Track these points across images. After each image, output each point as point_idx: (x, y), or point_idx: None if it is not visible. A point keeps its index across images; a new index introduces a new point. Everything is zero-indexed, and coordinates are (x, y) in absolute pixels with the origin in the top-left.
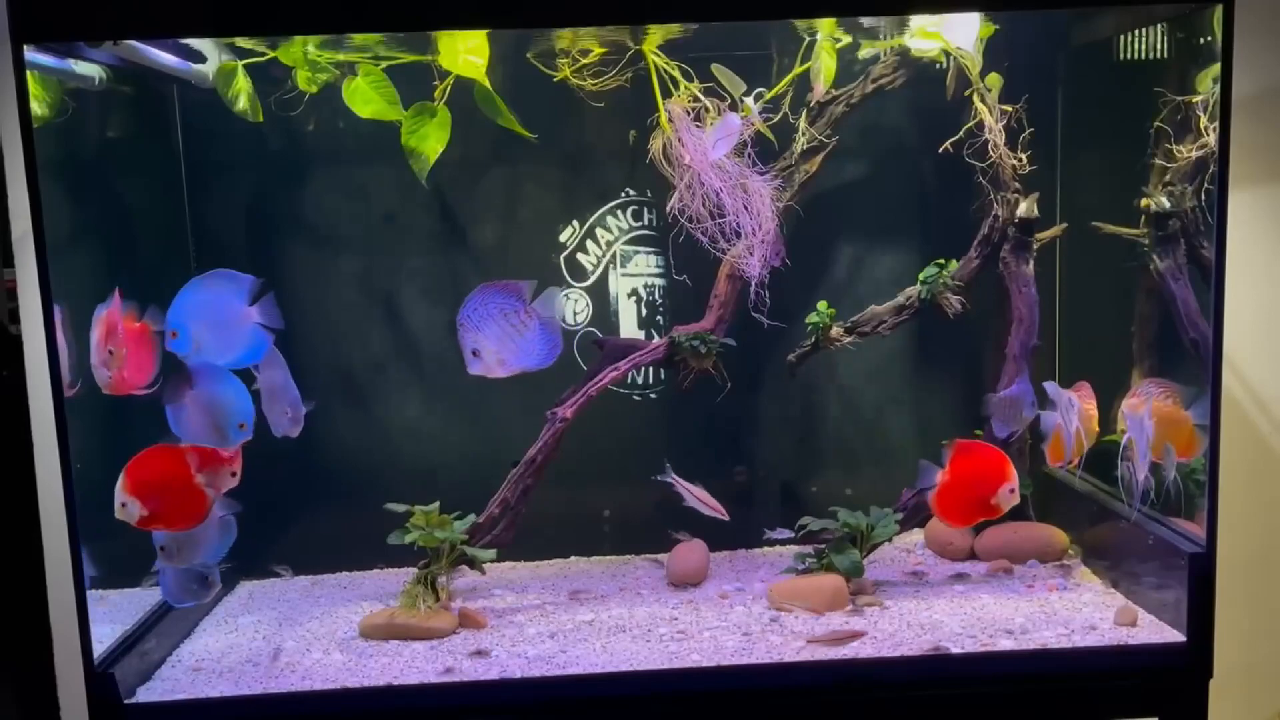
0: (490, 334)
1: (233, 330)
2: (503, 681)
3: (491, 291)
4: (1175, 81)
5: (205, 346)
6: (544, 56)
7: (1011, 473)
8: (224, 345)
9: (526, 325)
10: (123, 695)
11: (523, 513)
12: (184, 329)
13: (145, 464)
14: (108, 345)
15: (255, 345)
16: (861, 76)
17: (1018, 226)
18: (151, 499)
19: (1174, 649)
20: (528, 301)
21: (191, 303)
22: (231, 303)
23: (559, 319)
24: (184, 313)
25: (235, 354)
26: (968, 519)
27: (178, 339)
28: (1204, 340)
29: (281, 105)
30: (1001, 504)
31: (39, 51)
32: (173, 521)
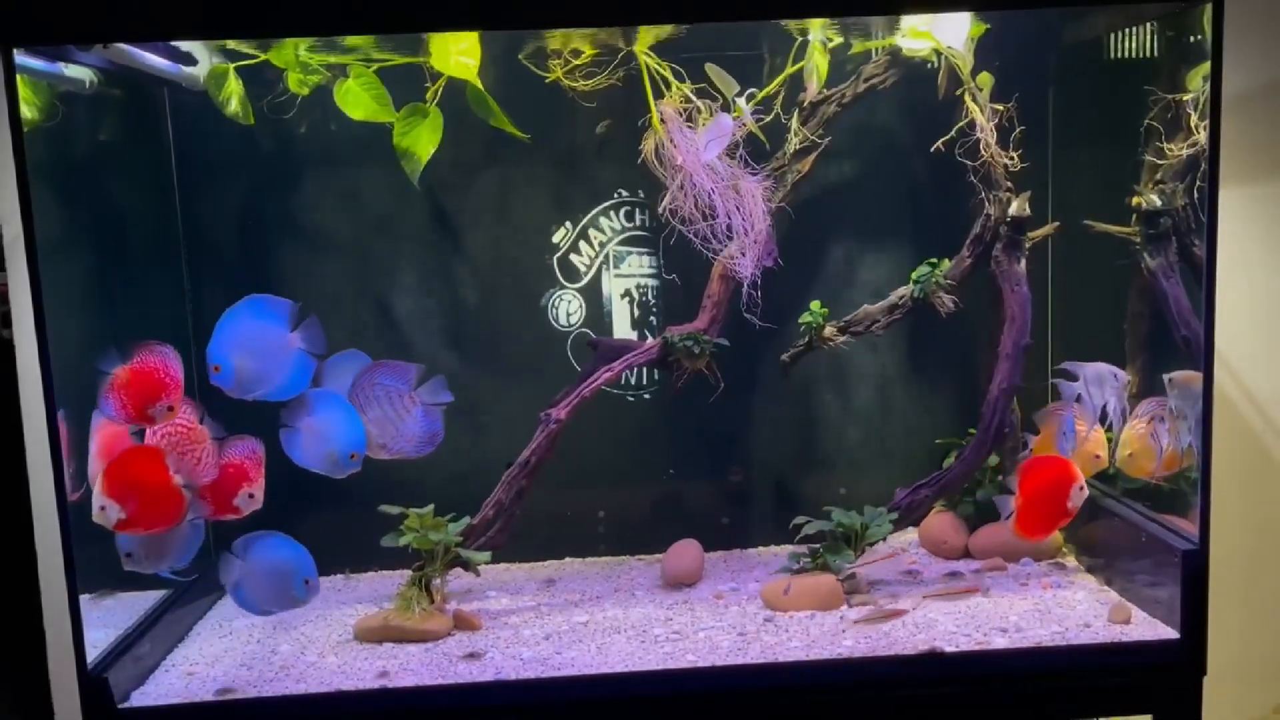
0: (372, 416)
1: (276, 359)
2: (498, 683)
3: (379, 371)
4: (1166, 80)
5: (249, 378)
6: (536, 58)
7: (1077, 472)
8: (268, 375)
9: (409, 410)
10: (116, 700)
11: (517, 514)
12: (226, 362)
13: (123, 466)
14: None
15: (300, 372)
16: (853, 76)
17: (1010, 225)
18: (130, 501)
19: (1168, 646)
20: (413, 386)
21: (232, 335)
22: (273, 331)
23: (442, 406)
24: (225, 346)
25: (280, 382)
26: (1050, 529)
27: (221, 373)
28: (1195, 338)
29: (273, 108)
30: (1077, 504)
31: (28, 55)
32: (151, 523)
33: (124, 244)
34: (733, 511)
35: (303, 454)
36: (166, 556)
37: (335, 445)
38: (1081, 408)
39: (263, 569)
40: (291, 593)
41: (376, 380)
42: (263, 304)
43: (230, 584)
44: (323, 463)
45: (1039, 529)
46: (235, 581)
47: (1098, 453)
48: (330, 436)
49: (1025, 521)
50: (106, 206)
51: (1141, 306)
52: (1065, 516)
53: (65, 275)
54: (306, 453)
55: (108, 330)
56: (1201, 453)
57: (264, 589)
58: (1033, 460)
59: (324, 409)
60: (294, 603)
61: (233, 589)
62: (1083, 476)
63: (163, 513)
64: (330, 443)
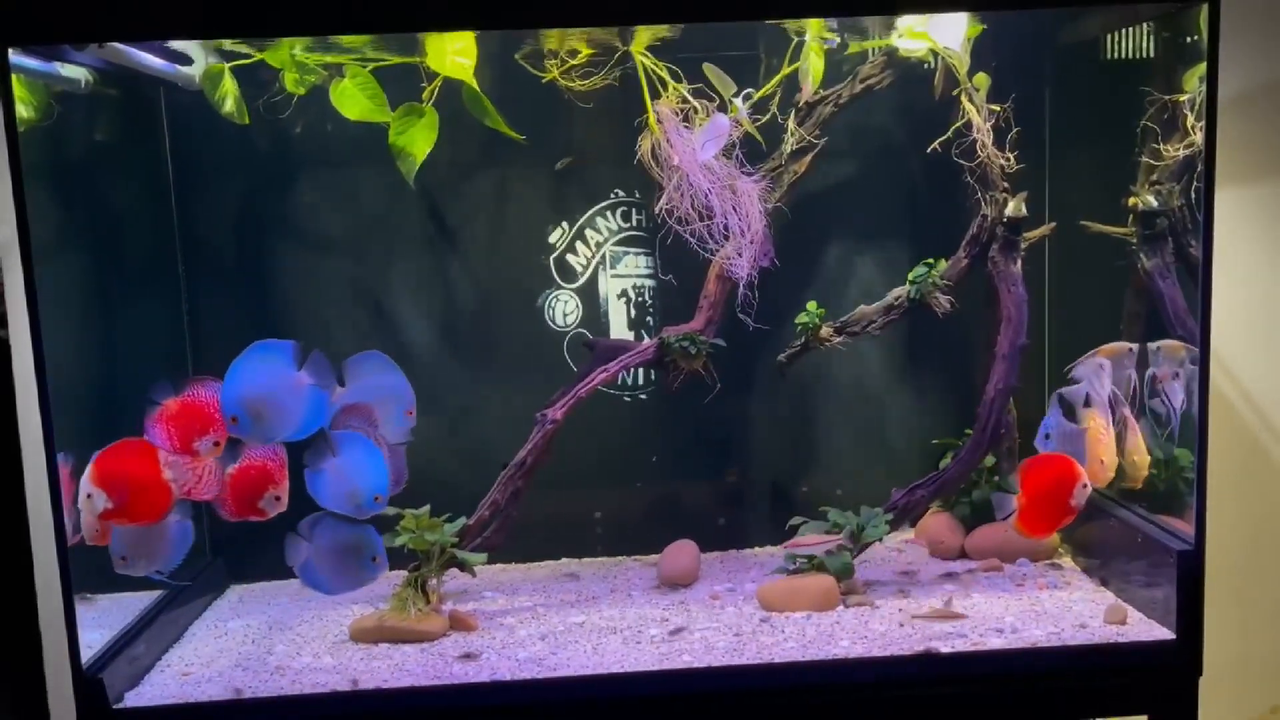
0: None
1: (290, 400)
2: (493, 684)
3: (349, 416)
4: (1162, 80)
5: (268, 424)
6: (532, 58)
7: (1080, 470)
8: (285, 418)
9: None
10: (111, 700)
11: (513, 515)
12: (241, 412)
13: (114, 457)
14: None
15: (315, 409)
16: (849, 77)
17: (1006, 226)
18: (118, 492)
19: (1163, 647)
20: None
21: (242, 384)
22: (281, 373)
23: (404, 445)
24: (238, 396)
25: (298, 422)
26: (1054, 527)
27: (238, 424)
28: (1191, 338)
29: (269, 108)
30: (1080, 502)
31: (23, 54)
32: (136, 516)
33: (119, 243)
34: (729, 512)
35: (327, 496)
36: (157, 558)
37: (360, 487)
38: (1097, 413)
39: (331, 549)
40: (360, 570)
41: (348, 423)
42: (266, 349)
43: (299, 566)
44: (346, 504)
45: (1042, 527)
46: (303, 563)
47: (1103, 458)
48: (354, 478)
49: (1028, 520)
50: (102, 206)
51: (1138, 307)
52: (1069, 515)
53: (60, 275)
54: (331, 494)
55: (103, 330)
56: (1198, 452)
57: (333, 568)
58: (1034, 459)
59: (349, 451)
60: (362, 581)
61: (301, 570)
62: (1086, 475)
63: (149, 506)
64: (354, 484)
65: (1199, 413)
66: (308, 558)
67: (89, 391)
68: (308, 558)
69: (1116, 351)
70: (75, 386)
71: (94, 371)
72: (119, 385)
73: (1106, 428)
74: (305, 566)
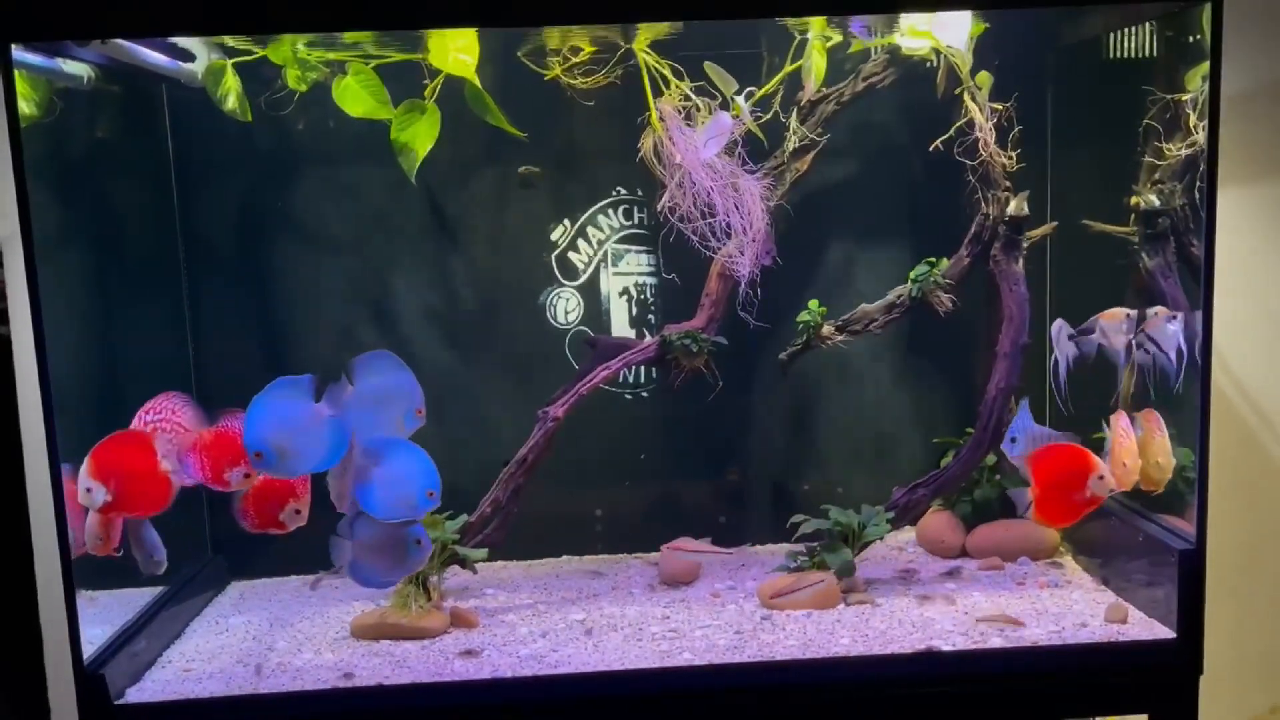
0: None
1: (311, 433)
2: (494, 681)
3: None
4: (1164, 80)
5: (292, 458)
6: (534, 55)
7: (1095, 461)
8: (309, 450)
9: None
10: (113, 696)
11: (514, 512)
12: (265, 447)
13: (110, 449)
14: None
15: (338, 439)
16: (852, 75)
17: (1008, 225)
18: (116, 484)
19: (1164, 646)
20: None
21: (264, 421)
22: (300, 407)
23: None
24: (260, 433)
25: (321, 454)
26: (1073, 516)
27: (263, 459)
28: (1193, 338)
29: (271, 104)
30: (1098, 493)
31: (26, 50)
32: (136, 508)
33: (121, 240)
34: (730, 510)
35: (379, 505)
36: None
37: (410, 490)
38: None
39: (374, 543)
40: (406, 557)
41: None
42: (285, 385)
43: (346, 566)
44: (402, 510)
45: (1060, 516)
46: (351, 563)
47: (1125, 460)
48: (402, 483)
49: (1045, 509)
50: (104, 203)
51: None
52: (1087, 505)
53: (62, 272)
54: (383, 504)
55: (104, 326)
56: (1199, 452)
57: (380, 561)
58: (1043, 450)
59: (389, 457)
60: (411, 567)
61: (350, 570)
62: (1103, 466)
63: (149, 497)
64: (403, 488)
65: (1200, 411)
66: (352, 557)
67: (90, 388)
68: (352, 557)
69: (1115, 317)
70: (76, 383)
71: (95, 367)
72: (120, 381)
73: (1128, 430)
74: (353, 566)
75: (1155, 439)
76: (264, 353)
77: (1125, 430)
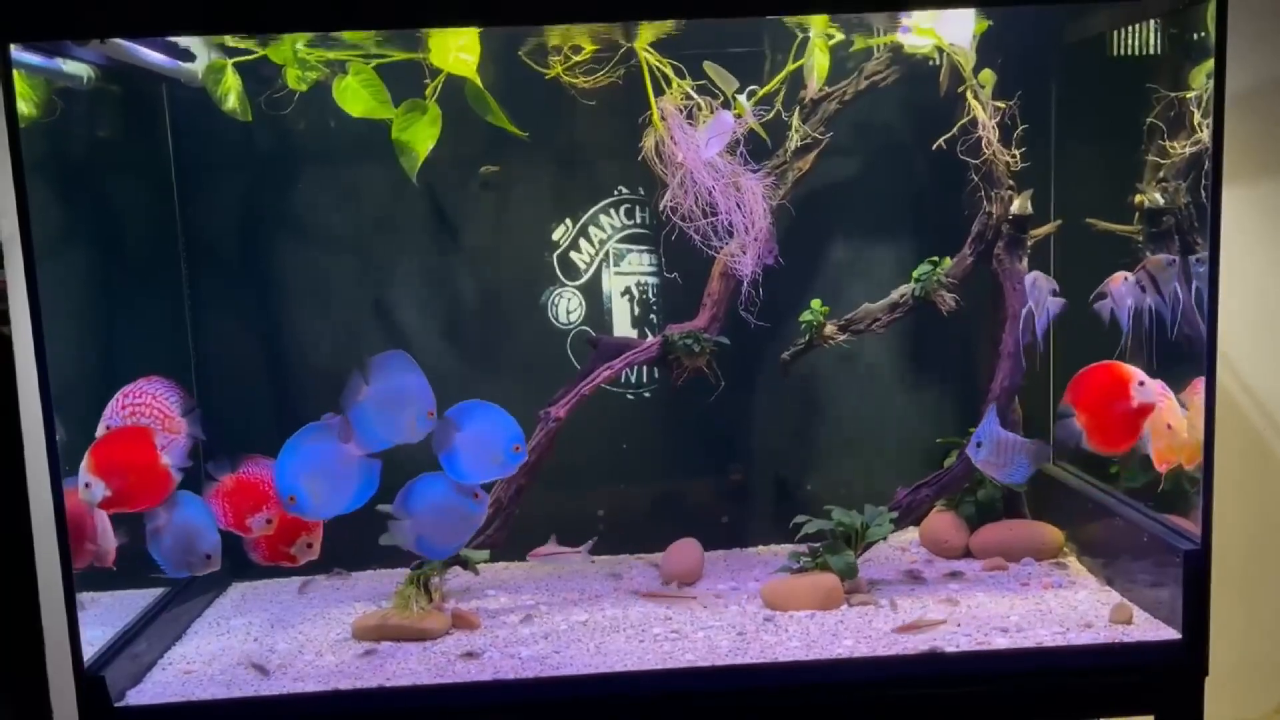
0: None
1: (342, 474)
2: (496, 682)
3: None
4: (1169, 77)
5: (325, 499)
6: (536, 54)
7: (1130, 370)
8: (340, 491)
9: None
10: (113, 698)
11: (515, 513)
12: (299, 490)
13: (110, 445)
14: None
15: (367, 478)
16: (854, 73)
17: (1011, 223)
18: (116, 479)
19: (1169, 646)
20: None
21: (296, 464)
22: (330, 449)
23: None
24: (293, 476)
25: (352, 494)
26: (1130, 434)
27: (297, 502)
28: (1198, 336)
29: (271, 104)
30: (1144, 399)
31: (25, 50)
32: (137, 502)
33: (121, 239)
34: (732, 510)
35: (467, 468)
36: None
37: (497, 448)
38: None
39: (433, 512)
40: (467, 516)
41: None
42: (314, 430)
43: (411, 543)
44: (492, 468)
45: (1115, 436)
46: (415, 539)
47: (1170, 422)
48: (489, 442)
49: (1099, 435)
50: (104, 202)
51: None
52: (1139, 416)
53: (62, 271)
54: (471, 467)
55: (104, 327)
56: (1204, 453)
57: (442, 528)
58: (1076, 378)
59: (469, 420)
60: (475, 523)
61: (416, 545)
62: (1140, 373)
63: (149, 492)
64: (491, 448)
65: (1206, 411)
66: (410, 532)
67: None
68: (410, 532)
69: (1116, 280)
70: (76, 383)
71: (95, 367)
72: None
73: (1164, 390)
74: (419, 542)
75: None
76: (264, 351)
77: (1162, 391)
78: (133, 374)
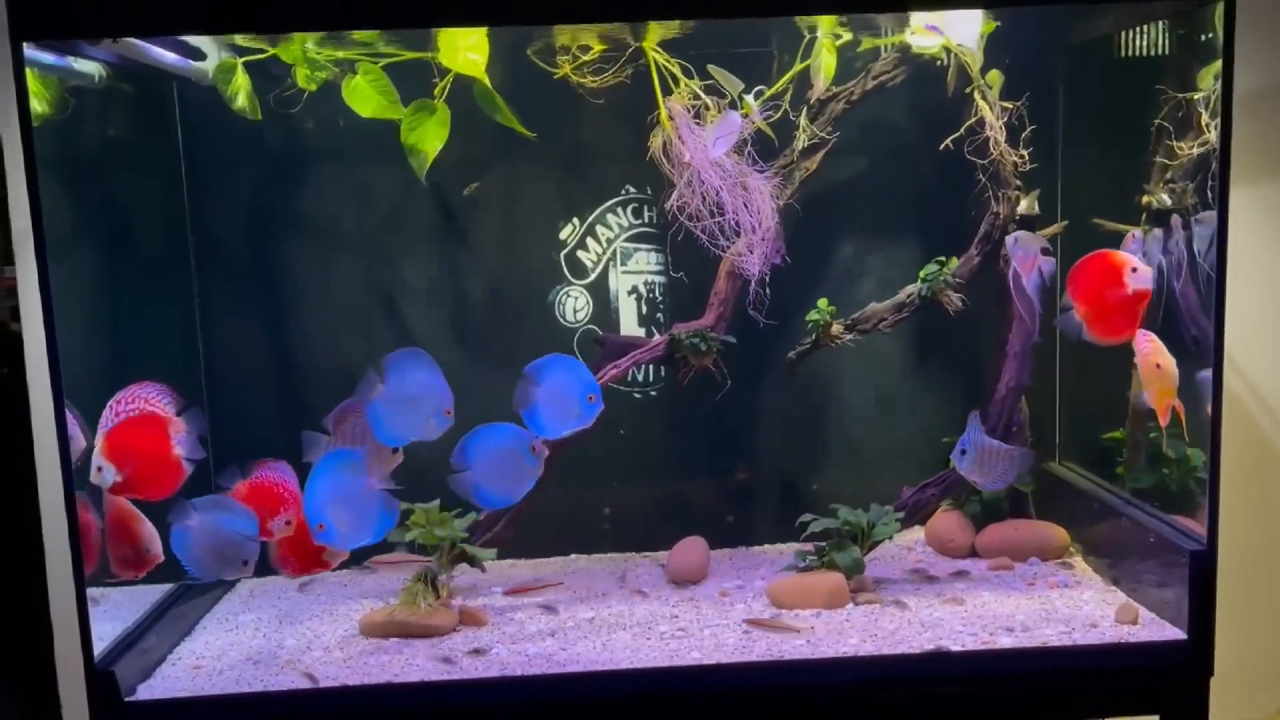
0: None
1: (365, 506)
2: (503, 679)
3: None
4: (1176, 78)
5: (349, 530)
6: (544, 53)
7: (1120, 256)
8: (363, 522)
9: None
10: (123, 693)
11: (523, 510)
12: (326, 519)
13: (125, 431)
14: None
15: (387, 512)
16: (862, 73)
17: (1018, 224)
18: (128, 465)
19: (1175, 647)
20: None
21: (323, 493)
22: (355, 481)
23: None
24: (320, 505)
25: (373, 526)
26: (1128, 322)
27: (325, 531)
28: (1205, 337)
29: (281, 103)
30: (1138, 285)
31: (38, 49)
32: (146, 490)
33: (132, 238)
34: (738, 509)
35: (548, 425)
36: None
37: (573, 401)
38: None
39: (493, 461)
40: (526, 467)
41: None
42: (340, 457)
43: (471, 491)
44: (570, 420)
45: (1114, 323)
46: (474, 487)
47: (1159, 361)
48: (564, 397)
49: (1098, 325)
50: (114, 201)
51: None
52: (1136, 303)
53: (73, 269)
54: (551, 421)
55: (115, 324)
56: (1211, 453)
57: (500, 477)
58: (1074, 270)
59: (547, 376)
60: (534, 474)
61: (474, 494)
62: (1133, 259)
63: (160, 480)
64: (567, 402)
65: (1213, 411)
66: (476, 481)
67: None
68: (476, 481)
69: (1128, 241)
70: (87, 380)
71: (106, 365)
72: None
73: (1148, 336)
74: (476, 490)
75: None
76: (274, 349)
77: (1146, 336)
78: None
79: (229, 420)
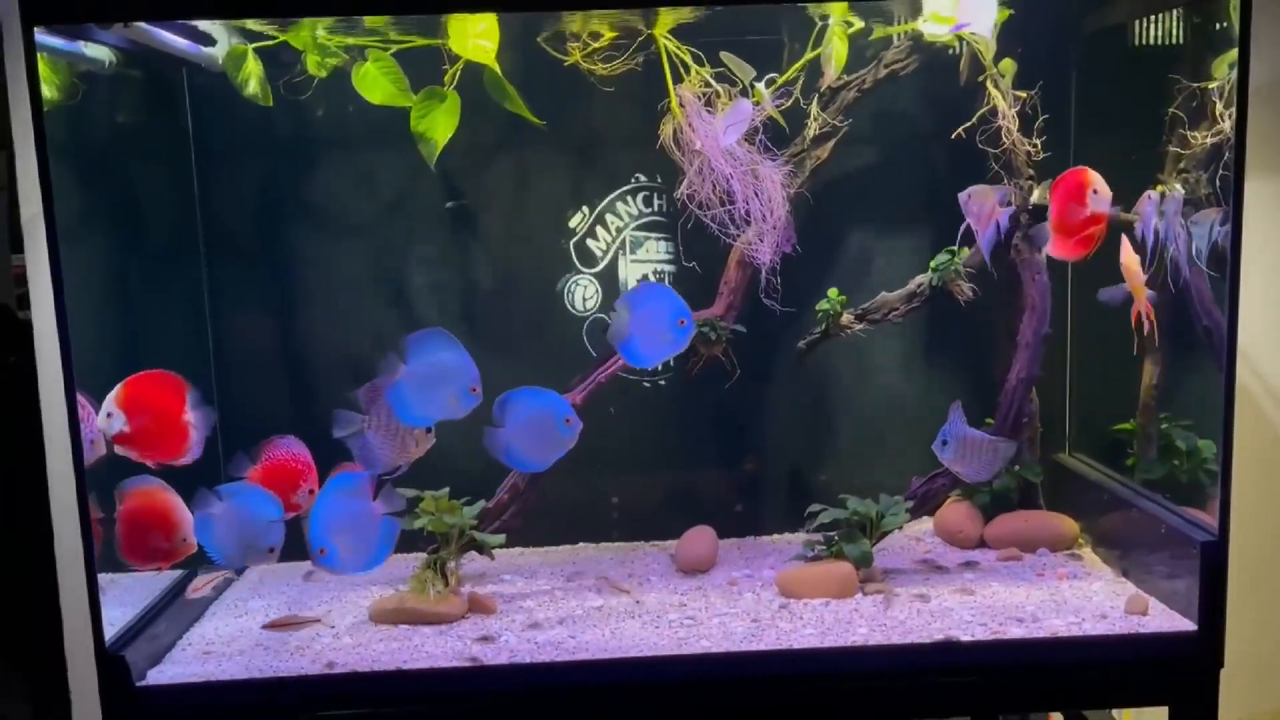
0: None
1: (368, 530)
2: (511, 666)
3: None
4: (1190, 68)
5: (351, 555)
6: (554, 41)
7: (1090, 177)
8: (367, 547)
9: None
10: (134, 677)
11: (532, 499)
12: (328, 543)
13: (143, 384)
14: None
15: (388, 536)
16: (874, 62)
17: (1031, 213)
18: (137, 418)
19: (1185, 638)
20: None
21: (327, 516)
22: (360, 506)
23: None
24: (324, 529)
25: (375, 551)
26: (1081, 244)
27: (327, 555)
28: (1217, 328)
29: (290, 89)
30: (1096, 208)
31: (49, 34)
32: (149, 448)
33: (142, 224)
34: (747, 498)
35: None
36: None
37: (665, 326)
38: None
39: (527, 427)
40: (558, 436)
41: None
42: (345, 480)
43: (502, 452)
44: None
45: (1070, 247)
46: (505, 447)
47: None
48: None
49: (1057, 238)
50: (124, 187)
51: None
52: (1089, 224)
53: (83, 256)
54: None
55: (124, 311)
56: (1222, 444)
57: (532, 441)
58: (1057, 180)
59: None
60: (564, 444)
61: (504, 455)
62: (1095, 178)
63: (164, 442)
64: (660, 326)
65: (1225, 402)
66: (507, 442)
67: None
68: (507, 442)
69: (1143, 202)
70: (97, 367)
71: (116, 352)
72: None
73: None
74: (507, 450)
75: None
76: (283, 336)
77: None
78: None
79: (239, 408)
